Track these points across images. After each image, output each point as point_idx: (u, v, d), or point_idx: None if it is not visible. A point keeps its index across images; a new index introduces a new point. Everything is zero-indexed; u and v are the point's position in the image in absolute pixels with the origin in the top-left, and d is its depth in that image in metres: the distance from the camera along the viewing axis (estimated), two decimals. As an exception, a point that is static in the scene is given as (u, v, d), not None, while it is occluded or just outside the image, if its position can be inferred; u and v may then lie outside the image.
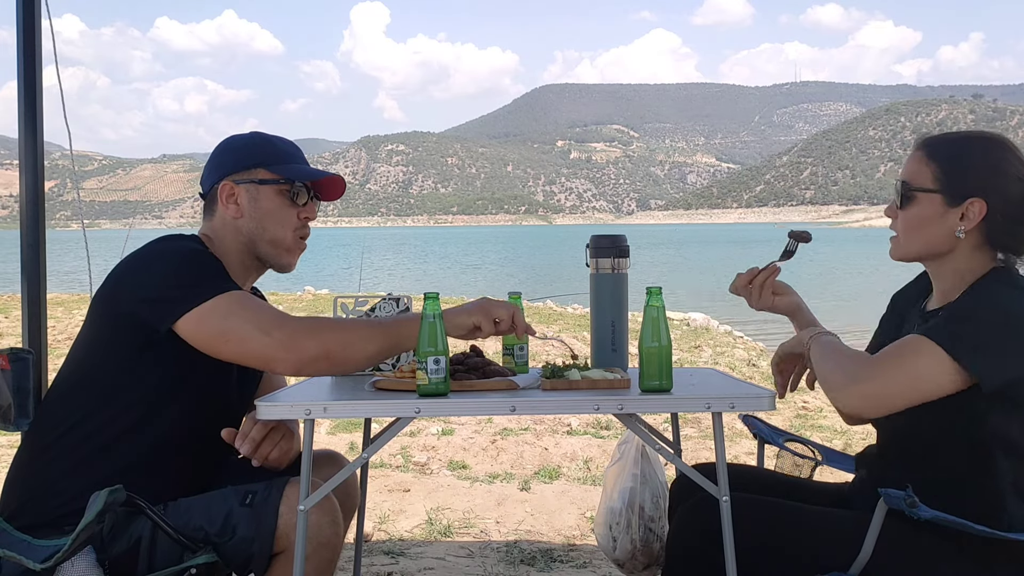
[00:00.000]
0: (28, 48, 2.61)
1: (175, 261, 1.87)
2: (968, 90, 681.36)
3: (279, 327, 1.79)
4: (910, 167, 1.87)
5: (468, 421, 6.02)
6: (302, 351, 1.77)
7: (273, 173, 2.00)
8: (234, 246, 2.00)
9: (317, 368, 1.84)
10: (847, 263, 44.95)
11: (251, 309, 1.81)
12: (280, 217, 2.00)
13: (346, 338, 1.81)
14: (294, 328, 1.80)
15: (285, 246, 2.03)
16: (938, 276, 1.88)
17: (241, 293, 1.85)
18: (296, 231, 2.03)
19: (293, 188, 2.01)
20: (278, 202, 2.00)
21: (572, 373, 1.91)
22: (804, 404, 6.78)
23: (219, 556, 1.74)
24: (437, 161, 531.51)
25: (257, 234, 2.00)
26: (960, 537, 1.68)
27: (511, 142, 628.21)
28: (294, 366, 1.80)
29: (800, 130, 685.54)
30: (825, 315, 2.28)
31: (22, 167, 2.61)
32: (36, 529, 1.78)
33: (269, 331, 1.78)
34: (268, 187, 2.00)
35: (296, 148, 2.09)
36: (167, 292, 1.81)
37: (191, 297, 1.79)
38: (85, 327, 1.92)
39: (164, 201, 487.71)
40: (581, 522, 3.92)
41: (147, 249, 1.90)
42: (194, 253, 1.90)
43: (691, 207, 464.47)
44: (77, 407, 1.86)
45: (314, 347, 1.78)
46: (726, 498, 1.76)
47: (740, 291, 2.07)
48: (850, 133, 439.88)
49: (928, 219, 1.81)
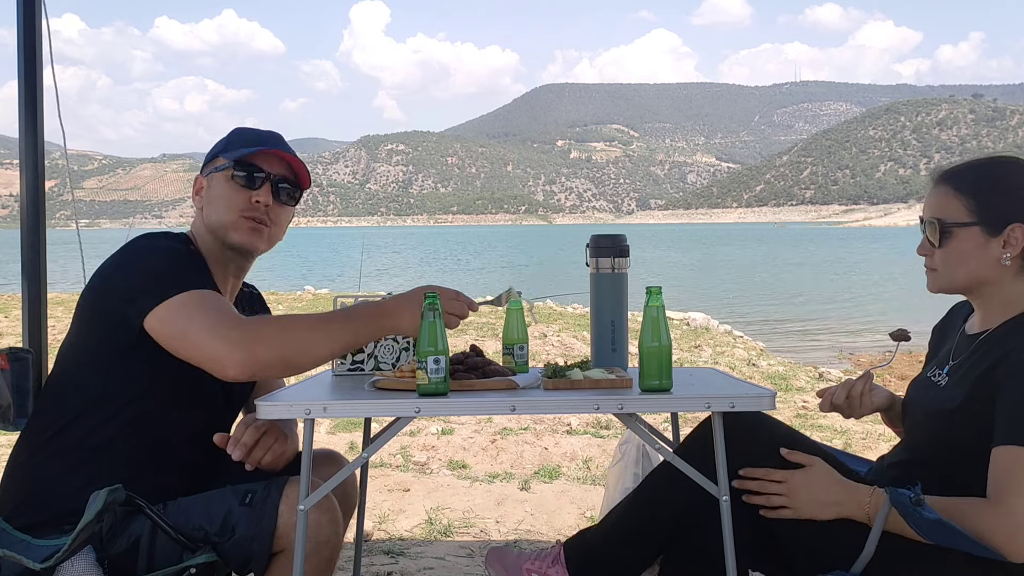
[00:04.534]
0: (28, 48, 2.61)
1: (150, 258, 1.87)
2: (968, 90, 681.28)
3: (235, 329, 1.75)
4: (938, 202, 1.85)
5: (468, 421, 6.02)
6: (256, 357, 1.73)
7: (225, 159, 2.01)
8: (207, 238, 2.01)
9: (272, 373, 1.83)
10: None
11: (212, 310, 1.78)
12: (227, 200, 1.98)
13: (302, 343, 1.78)
14: (250, 333, 1.75)
15: (231, 224, 1.98)
16: (983, 303, 1.87)
17: (209, 293, 1.82)
18: (241, 211, 1.98)
19: (243, 172, 1.99)
20: (228, 187, 1.99)
21: (574, 373, 1.91)
22: (804, 404, 6.79)
23: (219, 555, 1.74)
24: (437, 161, 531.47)
25: (211, 220, 2.00)
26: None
27: (511, 142, 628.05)
28: (246, 372, 1.75)
29: (800, 130, 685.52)
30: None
31: (22, 167, 2.61)
32: (35, 528, 1.78)
33: (224, 333, 1.74)
34: (219, 174, 2.01)
35: (270, 135, 2.07)
36: (140, 287, 1.81)
37: (159, 292, 1.78)
38: (73, 326, 1.91)
39: (164, 201, 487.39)
40: (581, 522, 3.92)
41: (126, 247, 1.90)
42: (170, 250, 1.90)
43: (691, 207, 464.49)
44: (71, 407, 1.85)
45: (269, 353, 1.74)
46: (726, 498, 1.76)
47: (839, 408, 2.04)
48: (850, 133, 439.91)
49: (970, 252, 1.81)
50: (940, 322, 2.10)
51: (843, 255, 53.77)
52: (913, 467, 1.87)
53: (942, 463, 1.81)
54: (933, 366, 1.97)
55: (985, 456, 1.69)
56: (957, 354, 1.89)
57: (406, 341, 2.17)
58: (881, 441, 5.58)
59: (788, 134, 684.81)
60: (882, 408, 2.07)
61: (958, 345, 1.91)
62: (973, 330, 1.90)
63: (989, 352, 1.78)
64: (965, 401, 1.76)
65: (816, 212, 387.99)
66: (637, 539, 1.95)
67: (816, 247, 71.91)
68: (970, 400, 1.75)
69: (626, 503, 2.01)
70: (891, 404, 2.07)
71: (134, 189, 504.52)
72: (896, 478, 1.87)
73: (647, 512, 1.96)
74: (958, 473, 1.76)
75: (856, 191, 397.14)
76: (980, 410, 1.72)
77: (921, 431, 1.90)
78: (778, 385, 7.66)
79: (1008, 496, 1.63)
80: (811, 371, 8.89)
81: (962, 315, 2.00)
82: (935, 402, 1.85)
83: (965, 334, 1.92)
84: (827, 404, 2.05)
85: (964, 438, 1.75)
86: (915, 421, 1.94)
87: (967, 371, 1.81)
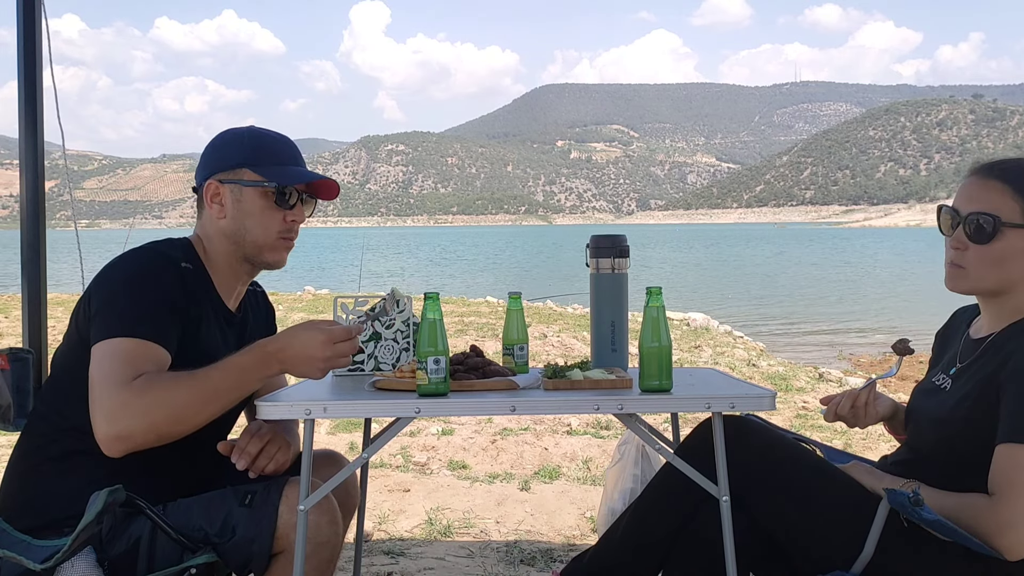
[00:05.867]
0: (28, 48, 2.61)
1: (124, 285, 1.82)
2: (968, 90, 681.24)
3: (123, 394, 1.69)
4: (989, 198, 1.78)
5: (468, 421, 6.01)
6: (127, 435, 1.70)
7: (258, 175, 1.95)
8: (221, 247, 1.97)
9: (138, 446, 1.74)
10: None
11: (120, 363, 1.72)
12: (263, 220, 1.95)
13: (177, 414, 1.72)
14: (131, 405, 1.69)
15: (268, 246, 1.98)
16: (995, 308, 1.84)
17: (138, 343, 1.75)
18: (280, 233, 1.98)
19: (279, 190, 1.95)
20: (261, 204, 1.95)
21: (574, 373, 1.91)
22: (804, 404, 6.79)
23: (219, 556, 1.74)
24: (437, 161, 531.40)
25: (239, 235, 1.96)
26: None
27: (511, 142, 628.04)
28: (115, 448, 1.71)
29: (800, 130, 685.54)
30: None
31: (22, 167, 2.61)
32: (36, 531, 1.78)
33: (112, 394, 1.69)
34: (252, 189, 1.94)
35: (289, 146, 2.03)
36: (101, 312, 1.79)
37: (108, 327, 1.75)
38: (70, 328, 1.90)
39: (164, 201, 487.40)
40: (581, 522, 3.91)
41: (122, 259, 1.87)
42: (150, 280, 1.82)
43: (691, 207, 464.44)
44: (69, 409, 1.84)
45: (141, 429, 1.70)
46: (726, 498, 1.76)
47: (844, 417, 2.03)
48: (850, 133, 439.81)
49: (1013, 255, 1.76)
50: (943, 327, 2.09)
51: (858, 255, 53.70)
52: (916, 466, 1.87)
53: (947, 465, 1.80)
54: (938, 371, 1.96)
55: (990, 460, 1.69)
56: (962, 358, 1.88)
57: (406, 341, 2.17)
58: (881, 441, 5.58)
59: (788, 134, 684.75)
60: (886, 417, 2.06)
61: (963, 349, 1.90)
62: (979, 334, 1.89)
63: (995, 355, 1.77)
64: (971, 405, 1.76)
65: (816, 212, 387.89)
66: (642, 550, 1.95)
67: (822, 247, 71.85)
68: (976, 403, 1.75)
69: (628, 516, 2.01)
70: (895, 413, 2.06)
71: (134, 189, 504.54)
72: (900, 476, 1.87)
73: (650, 521, 1.96)
74: (963, 475, 1.76)
75: (856, 191, 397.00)
76: (986, 413, 1.72)
77: (926, 436, 1.89)
78: (778, 385, 7.65)
79: (1006, 493, 1.64)
80: (811, 371, 8.88)
81: (965, 320, 1.99)
82: (940, 407, 1.85)
83: (970, 338, 1.91)
84: (831, 414, 2.03)
85: (970, 441, 1.75)
86: (920, 426, 1.93)
87: (972, 375, 1.80)
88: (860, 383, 2.22)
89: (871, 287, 27.45)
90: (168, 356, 1.79)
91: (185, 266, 1.91)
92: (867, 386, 2.02)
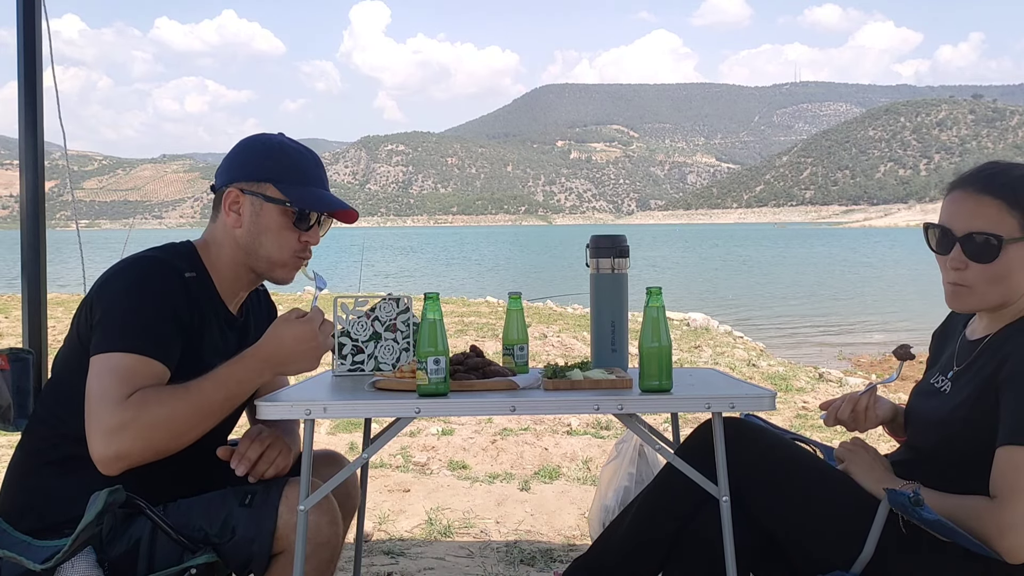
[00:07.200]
0: (28, 49, 2.61)
1: (126, 297, 1.80)
2: (968, 90, 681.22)
3: (120, 413, 1.68)
4: (987, 215, 1.74)
5: (468, 421, 6.01)
6: (125, 455, 1.69)
7: (281, 193, 1.92)
8: (229, 255, 1.96)
9: (136, 464, 1.74)
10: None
11: (118, 380, 1.71)
12: (279, 238, 1.94)
13: (173, 430, 1.72)
14: (128, 426, 1.68)
15: (280, 263, 1.96)
16: (993, 313, 1.83)
17: (137, 360, 1.74)
18: (295, 253, 1.97)
19: (300, 213, 1.93)
20: (280, 223, 1.92)
21: (574, 373, 1.91)
22: (804, 404, 6.79)
23: (219, 556, 1.74)
24: (437, 161, 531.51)
25: (253, 248, 1.94)
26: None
27: (511, 142, 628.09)
28: (112, 467, 1.71)
29: (800, 130, 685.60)
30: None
31: (22, 167, 2.61)
32: (37, 532, 1.78)
33: (109, 413, 1.69)
34: (273, 206, 1.91)
35: (316, 165, 2.00)
36: (103, 322, 1.77)
37: (108, 340, 1.74)
38: (71, 332, 1.89)
39: (164, 201, 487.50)
40: (581, 522, 3.92)
41: (125, 265, 1.85)
42: (153, 296, 1.80)
43: (691, 207, 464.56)
44: (69, 410, 1.83)
45: (138, 449, 1.70)
46: (726, 498, 1.76)
47: (844, 422, 2.03)
48: (850, 133, 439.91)
49: (1017, 267, 1.74)
50: (940, 328, 2.09)
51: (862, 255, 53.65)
52: (916, 467, 1.87)
53: (947, 465, 1.80)
54: (935, 372, 1.96)
55: (990, 461, 1.69)
56: (959, 360, 1.88)
57: (406, 341, 2.17)
58: (881, 442, 5.58)
59: (788, 134, 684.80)
60: (886, 421, 2.06)
61: (959, 351, 1.90)
62: (975, 335, 1.88)
63: (992, 357, 1.77)
64: (970, 406, 1.76)
65: (816, 212, 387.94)
66: (642, 550, 1.95)
67: (830, 247, 71.79)
68: (975, 405, 1.75)
69: (628, 516, 2.01)
70: (895, 416, 2.07)
71: (134, 189, 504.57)
72: (899, 476, 1.87)
73: (650, 521, 1.96)
74: (963, 476, 1.76)
75: (856, 191, 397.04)
76: (985, 415, 1.72)
77: (926, 437, 1.89)
78: (778, 386, 7.65)
79: (1008, 496, 1.64)
80: (811, 371, 8.88)
81: (962, 320, 1.99)
82: (939, 409, 1.84)
83: (967, 339, 1.90)
84: (832, 419, 2.04)
85: (969, 443, 1.74)
86: (919, 428, 1.93)
87: (971, 376, 1.80)
88: (860, 383, 2.22)
89: (880, 287, 27.41)
90: (167, 372, 1.78)
91: (189, 276, 1.89)
92: (868, 391, 2.03)
